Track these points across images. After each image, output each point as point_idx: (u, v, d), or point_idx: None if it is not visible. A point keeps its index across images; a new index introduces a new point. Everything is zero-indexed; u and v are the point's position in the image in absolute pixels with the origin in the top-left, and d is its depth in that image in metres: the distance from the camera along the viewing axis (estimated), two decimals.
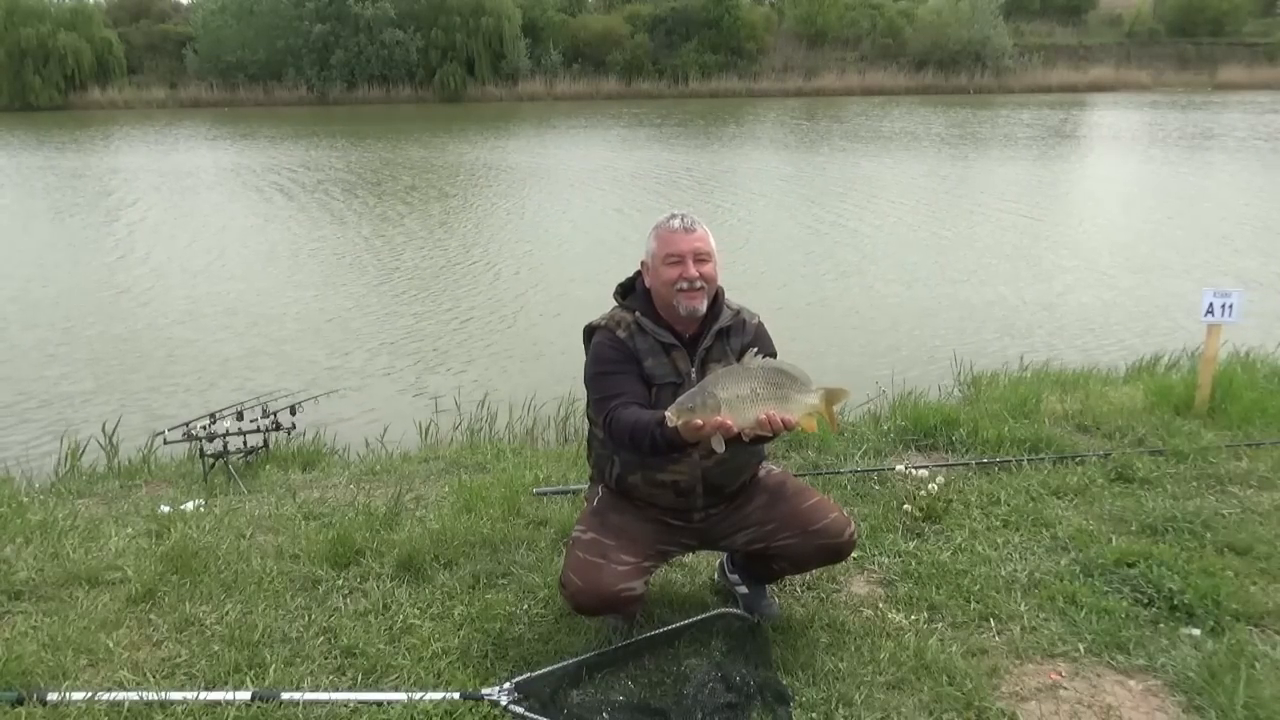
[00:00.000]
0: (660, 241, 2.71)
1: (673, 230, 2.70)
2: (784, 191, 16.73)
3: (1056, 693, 2.56)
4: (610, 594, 2.57)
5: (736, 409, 2.36)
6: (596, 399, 2.70)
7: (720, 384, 2.38)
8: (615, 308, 2.81)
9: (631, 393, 2.63)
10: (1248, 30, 48.63)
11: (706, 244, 2.70)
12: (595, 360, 2.72)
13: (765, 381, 2.41)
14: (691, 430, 2.35)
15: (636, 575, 2.62)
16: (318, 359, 7.68)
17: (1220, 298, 4.53)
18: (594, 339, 2.76)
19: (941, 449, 4.45)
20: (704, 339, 2.71)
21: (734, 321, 2.76)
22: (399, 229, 13.38)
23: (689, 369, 2.68)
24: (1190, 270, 10.21)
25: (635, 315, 2.72)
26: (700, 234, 2.70)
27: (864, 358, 7.47)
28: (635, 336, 2.69)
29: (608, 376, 2.68)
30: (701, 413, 2.34)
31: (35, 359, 7.80)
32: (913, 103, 37.77)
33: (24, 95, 40.15)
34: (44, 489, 4.46)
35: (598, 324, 2.78)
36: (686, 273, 2.64)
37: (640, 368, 2.66)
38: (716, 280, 2.73)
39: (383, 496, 3.96)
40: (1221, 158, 20.33)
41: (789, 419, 2.40)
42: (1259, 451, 4.20)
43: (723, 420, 2.34)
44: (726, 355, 2.70)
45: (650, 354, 2.68)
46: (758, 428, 2.37)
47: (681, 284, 2.65)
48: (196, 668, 2.67)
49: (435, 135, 27.53)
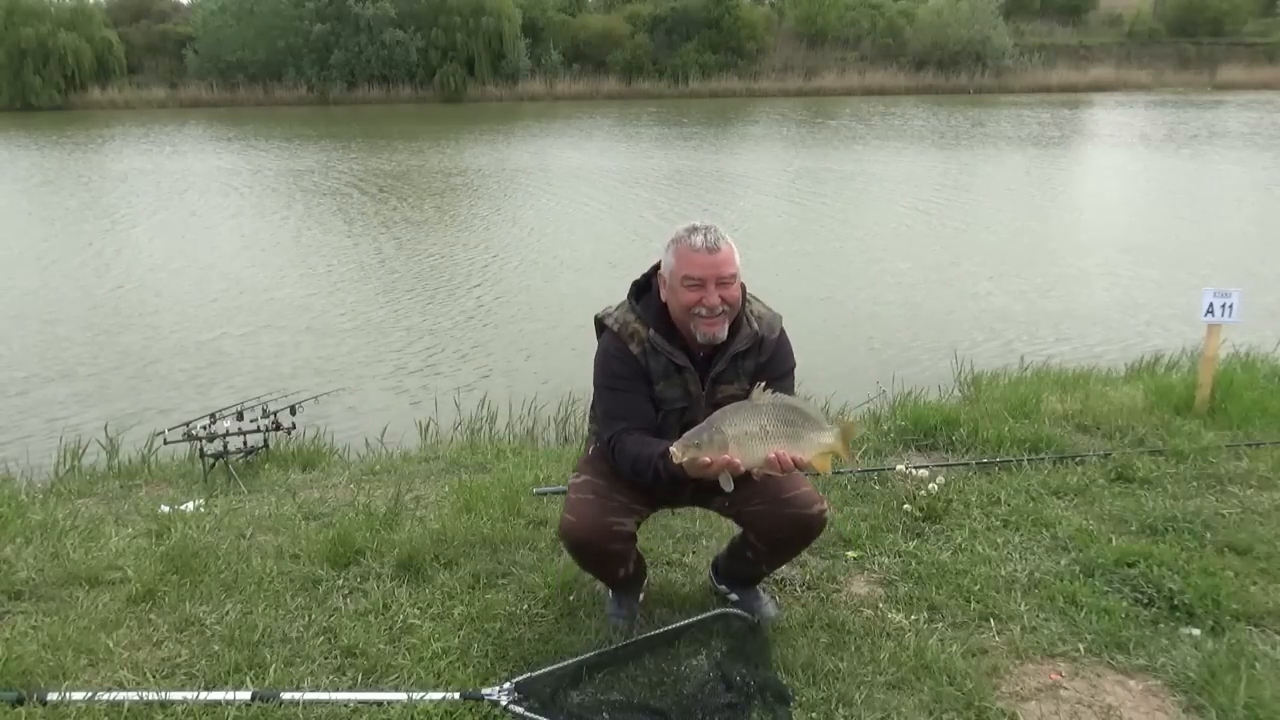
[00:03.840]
0: (680, 260, 2.49)
1: (694, 250, 2.47)
2: (783, 191, 16.73)
3: (1056, 693, 2.55)
4: (603, 526, 2.56)
5: (745, 447, 2.28)
6: (603, 414, 2.64)
7: (729, 420, 2.29)
8: (627, 310, 2.63)
9: (639, 415, 2.55)
10: (1248, 30, 48.61)
11: (732, 264, 2.48)
12: (604, 372, 2.61)
13: (776, 419, 2.31)
14: (698, 468, 2.28)
15: (627, 514, 2.61)
16: (318, 359, 7.68)
17: (1220, 297, 4.53)
18: (603, 344, 2.64)
19: (941, 449, 4.45)
20: (718, 361, 2.57)
21: (751, 344, 2.59)
22: (400, 229, 13.39)
23: (700, 391, 2.58)
24: (1190, 270, 10.21)
25: (650, 333, 2.55)
26: (725, 253, 2.47)
27: (864, 358, 7.47)
28: (648, 355, 2.55)
29: (616, 394, 2.58)
30: (708, 450, 2.26)
31: (35, 359, 7.80)
32: (913, 102, 37.76)
33: (24, 95, 40.11)
34: (44, 489, 4.45)
35: (608, 324, 2.62)
36: (708, 300, 2.45)
37: (650, 389, 2.56)
38: (739, 301, 2.54)
39: (383, 496, 3.96)
40: (1222, 157, 20.34)
41: (800, 458, 2.31)
42: (1259, 451, 4.19)
43: (730, 459, 2.26)
44: (739, 377, 2.58)
45: (662, 376, 2.55)
46: (767, 467, 2.30)
47: (700, 310, 2.46)
48: (196, 668, 2.67)
49: (435, 136, 27.50)
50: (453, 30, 42.67)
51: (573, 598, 3.01)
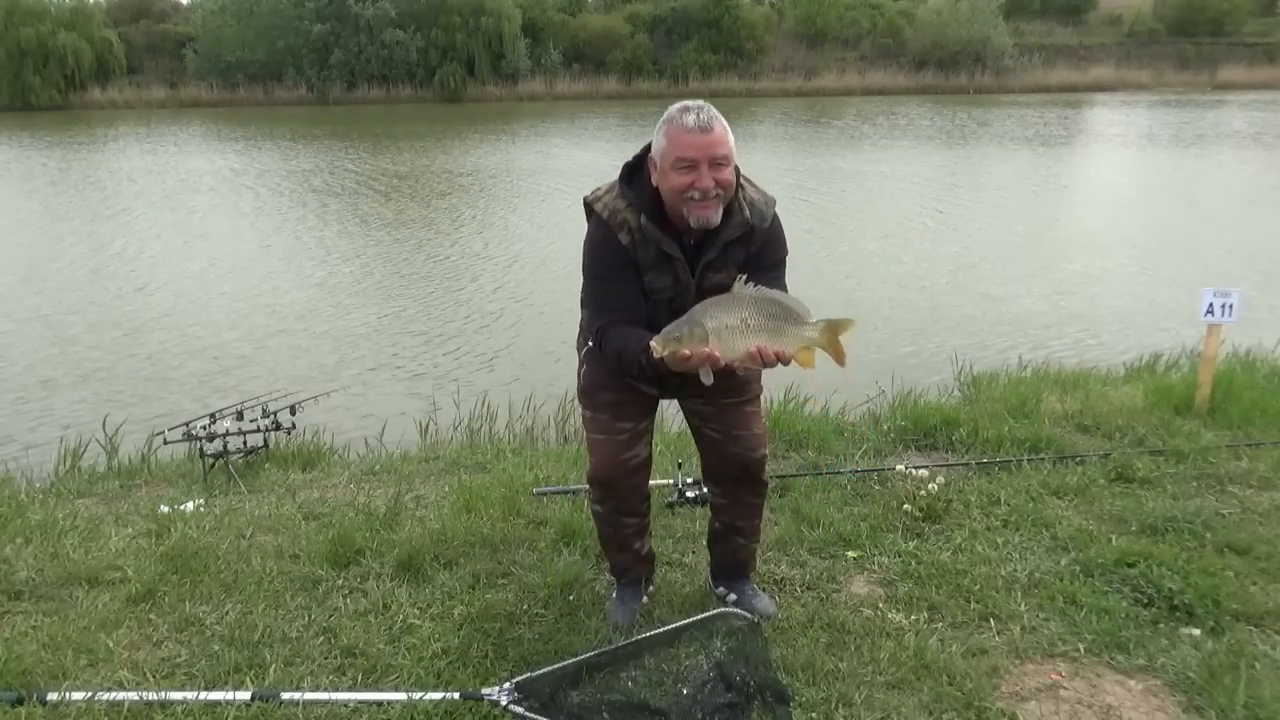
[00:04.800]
0: (671, 141, 2.38)
1: (686, 129, 2.36)
2: (783, 190, 16.70)
3: (1056, 693, 2.55)
4: (620, 464, 2.68)
5: (725, 340, 2.23)
6: (593, 305, 2.59)
7: (709, 313, 2.25)
8: (617, 195, 2.52)
9: (627, 306, 2.50)
10: (1248, 30, 48.63)
11: (726, 145, 2.37)
12: (593, 259, 2.55)
13: (757, 312, 2.27)
14: (678, 361, 2.24)
15: (636, 441, 2.71)
16: (318, 359, 7.68)
17: (1220, 297, 4.52)
18: (591, 232, 2.56)
19: (941, 449, 4.45)
20: (709, 249, 2.49)
21: (743, 231, 2.50)
22: (400, 229, 13.39)
23: (689, 279, 2.51)
24: (1190, 269, 10.20)
25: (641, 220, 2.46)
26: (719, 133, 2.36)
27: (864, 357, 7.47)
28: (637, 246, 2.47)
29: (604, 284, 2.53)
30: (688, 343, 2.22)
31: (35, 359, 7.79)
32: (912, 102, 37.75)
33: (24, 95, 40.17)
34: (44, 489, 4.45)
35: (597, 210, 2.53)
36: (701, 182, 2.35)
37: (639, 278, 2.49)
38: (733, 185, 2.43)
39: (383, 496, 3.96)
40: (1222, 157, 20.33)
41: (782, 352, 2.27)
42: (1259, 451, 4.19)
43: (710, 352, 2.22)
44: (729, 266, 2.49)
45: (651, 266, 2.48)
46: (748, 360, 2.26)
47: (693, 194, 2.37)
48: (196, 668, 2.67)
49: (435, 136, 27.49)
50: (453, 30, 42.69)
51: (573, 598, 3.02)
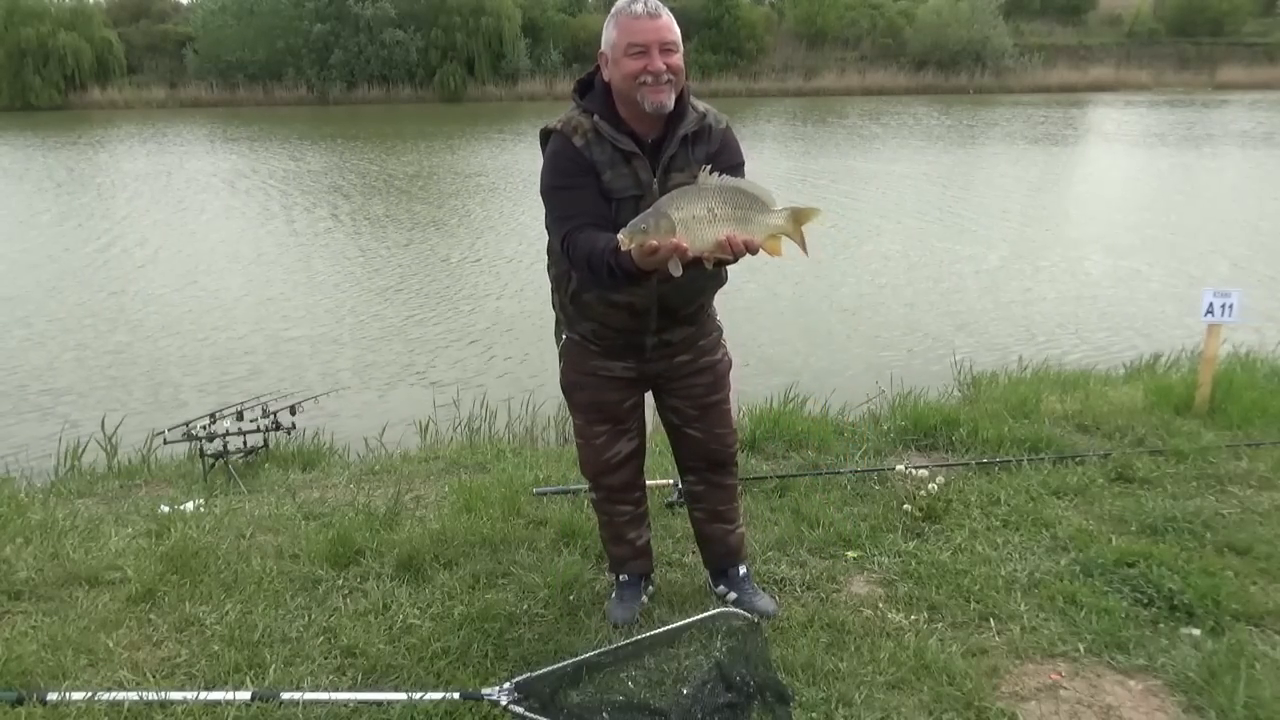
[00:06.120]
0: (621, 30, 2.44)
1: (635, 16, 2.42)
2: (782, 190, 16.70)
3: (1056, 693, 2.56)
4: (603, 464, 2.84)
5: (693, 230, 2.20)
6: (555, 218, 2.55)
7: (674, 204, 2.22)
8: (572, 108, 2.56)
9: (590, 212, 2.47)
10: (1248, 30, 48.63)
11: (673, 31, 2.45)
12: (551, 171, 2.52)
13: (723, 201, 2.24)
14: (646, 254, 2.21)
15: (616, 439, 2.81)
16: (318, 359, 7.68)
17: (1220, 297, 4.53)
18: (549, 145, 2.55)
19: (941, 449, 4.45)
20: (668, 145, 2.50)
21: (700, 126, 2.54)
22: (400, 230, 13.38)
23: (650, 179, 2.49)
24: (1190, 270, 10.21)
25: (594, 119, 2.49)
26: (666, 20, 2.44)
27: (864, 357, 7.47)
28: (592, 146, 2.47)
29: (564, 192, 2.51)
30: (655, 234, 2.18)
31: (35, 359, 7.79)
32: (915, 102, 37.75)
33: (24, 95, 40.13)
34: (44, 489, 4.46)
35: (554, 127, 2.54)
36: (652, 65, 2.40)
37: (599, 181, 2.47)
38: (684, 74, 2.49)
39: (383, 496, 3.96)
40: (1222, 157, 20.34)
41: (750, 240, 2.24)
42: (1259, 451, 4.20)
43: (678, 243, 2.19)
44: (691, 164, 2.49)
45: (609, 165, 2.47)
46: (717, 250, 2.24)
47: (646, 78, 2.41)
48: (196, 668, 2.67)
49: (435, 137, 27.50)
50: (452, 30, 42.67)
51: (573, 598, 3.02)
